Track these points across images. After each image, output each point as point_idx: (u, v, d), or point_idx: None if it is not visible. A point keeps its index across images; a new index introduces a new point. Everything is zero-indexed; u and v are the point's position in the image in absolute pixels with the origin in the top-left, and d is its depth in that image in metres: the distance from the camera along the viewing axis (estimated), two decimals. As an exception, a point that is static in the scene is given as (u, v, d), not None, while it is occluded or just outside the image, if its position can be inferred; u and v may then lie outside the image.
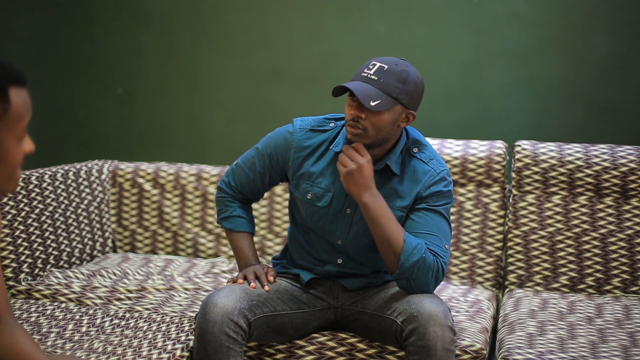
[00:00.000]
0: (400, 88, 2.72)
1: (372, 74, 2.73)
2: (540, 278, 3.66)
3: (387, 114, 2.73)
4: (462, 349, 2.91)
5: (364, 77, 2.74)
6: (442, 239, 2.82)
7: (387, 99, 2.71)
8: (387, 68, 2.73)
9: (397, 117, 2.77)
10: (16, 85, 1.73)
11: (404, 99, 2.74)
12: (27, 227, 3.54)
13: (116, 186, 4.20)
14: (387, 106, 2.70)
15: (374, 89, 2.70)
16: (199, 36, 4.70)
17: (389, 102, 2.71)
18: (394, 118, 2.75)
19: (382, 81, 2.71)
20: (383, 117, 2.73)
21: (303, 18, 4.57)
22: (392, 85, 2.71)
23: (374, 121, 2.73)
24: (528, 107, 4.34)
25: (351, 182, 2.77)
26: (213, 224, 4.11)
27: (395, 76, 2.72)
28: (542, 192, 3.71)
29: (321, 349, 2.99)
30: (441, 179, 2.87)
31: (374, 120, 2.73)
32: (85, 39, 4.86)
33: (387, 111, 2.73)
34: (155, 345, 2.86)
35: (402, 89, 2.72)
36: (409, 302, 2.76)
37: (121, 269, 3.71)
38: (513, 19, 4.31)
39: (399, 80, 2.72)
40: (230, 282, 2.94)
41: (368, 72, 2.74)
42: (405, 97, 2.73)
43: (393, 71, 2.73)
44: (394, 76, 2.72)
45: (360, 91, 2.69)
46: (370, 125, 2.73)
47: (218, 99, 4.72)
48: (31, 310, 3.20)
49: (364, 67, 2.77)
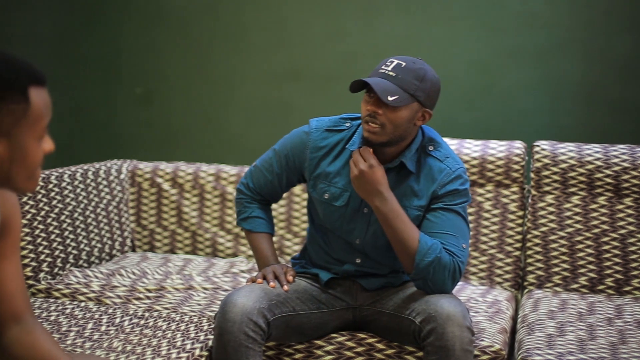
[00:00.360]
0: (418, 85, 2.72)
1: (389, 71, 2.73)
2: (559, 279, 3.64)
3: (404, 110, 2.73)
4: (481, 350, 2.90)
5: (382, 73, 2.74)
6: (459, 238, 2.81)
7: (404, 95, 2.71)
8: (404, 65, 2.73)
9: (414, 115, 2.76)
10: (36, 85, 1.74)
11: (421, 97, 2.73)
12: (46, 226, 3.56)
13: (135, 186, 4.21)
14: (404, 102, 2.70)
15: (391, 85, 2.70)
16: (217, 36, 4.71)
17: (406, 99, 2.71)
18: (411, 115, 2.75)
19: (399, 77, 2.71)
20: (400, 114, 2.73)
21: (321, 18, 4.57)
22: (409, 82, 2.71)
23: (391, 117, 2.72)
24: (547, 107, 4.32)
25: (358, 187, 2.80)
26: (232, 223, 4.11)
27: (413, 73, 2.72)
28: (562, 193, 3.70)
29: (340, 349, 2.99)
30: (457, 177, 2.86)
31: (391, 117, 2.72)
32: (104, 39, 4.87)
33: (404, 108, 2.72)
34: (174, 345, 2.87)
35: (420, 87, 2.72)
36: (427, 302, 2.76)
37: (140, 268, 3.71)
38: (532, 19, 4.30)
39: (417, 78, 2.72)
40: (249, 282, 2.94)
41: (386, 68, 2.74)
42: (422, 95, 2.73)
43: (411, 68, 2.73)
44: (411, 73, 2.72)
45: (379, 86, 2.69)
46: (388, 122, 2.73)
47: (236, 99, 4.72)
48: (51, 309, 3.21)
49: (382, 64, 2.77)
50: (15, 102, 1.69)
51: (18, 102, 1.70)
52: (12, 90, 1.69)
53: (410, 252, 2.76)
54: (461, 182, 2.87)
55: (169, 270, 3.76)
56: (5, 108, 1.68)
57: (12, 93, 1.69)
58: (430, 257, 2.74)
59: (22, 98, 1.70)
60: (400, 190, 2.86)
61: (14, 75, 1.69)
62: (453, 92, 4.33)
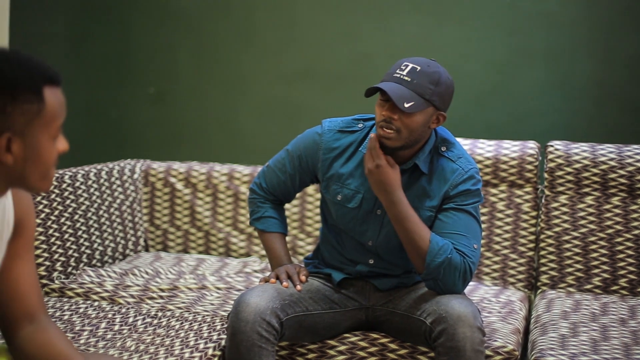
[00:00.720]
0: (433, 90, 2.71)
1: (404, 75, 2.72)
2: (572, 279, 3.64)
3: (419, 115, 2.72)
4: (494, 350, 2.90)
5: (397, 77, 2.73)
6: (471, 239, 2.81)
7: (420, 100, 2.70)
8: (419, 69, 2.72)
9: (429, 119, 2.76)
10: (50, 85, 1.75)
11: (436, 101, 2.73)
12: (60, 225, 3.57)
13: (148, 185, 4.22)
14: (420, 107, 2.70)
15: (407, 91, 2.70)
16: (231, 36, 4.71)
17: (422, 104, 2.70)
18: (426, 120, 2.75)
19: (415, 82, 2.70)
20: (415, 119, 2.72)
21: (333, 18, 4.57)
22: (424, 87, 2.71)
23: (407, 122, 2.72)
24: (560, 107, 4.31)
25: (371, 184, 2.80)
26: (245, 223, 4.11)
27: (428, 78, 2.72)
28: (575, 193, 3.69)
29: (353, 349, 2.99)
30: (469, 178, 2.86)
31: (407, 122, 2.72)
32: (118, 39, 4.88)
33: (419, 113, 2.72)
34: (187, 344, 2.87)
35: (435, 91, 2.72)
36: (438, 303, 2.75)
37: (153, 268, 3.72)
38: (545, 19, 4.29)
39: (432, 82, 2.72)
40: (262, 282, 2.94)
41: (400, 72, 2.73)
42: (437, 99, 2.73)
43: (426, 72, 2.72)
44: (426, 78, 2.71)
45: (395, 92, 2.68)
46: (403, 127, 2.72)
47: (250, 99, 4.73)
48: (64, 308, 3.22)
49: (396, 68, 2.76)
50: (29, 102, 1.70)
51: (32, 101, 1.70)
52: (27, 90, 1.70)
53: (421, 252, 2.76)
54: (473, 183, 2.86)
55: (182, 270, 3.77)
56: (20, 108, 1.69)
57: (26, 93, 1.69)
58: (440, 258, 2.74)
59: (36, 98, 1.71)
60: (413, 192, 2.86)
61: (28, 75, 1.70)
62: (466, 92, 4.32)
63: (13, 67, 1.69)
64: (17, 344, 2.01)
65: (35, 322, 2.03)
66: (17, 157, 1.71)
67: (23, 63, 1.71)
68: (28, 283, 2.02)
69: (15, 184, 1.78)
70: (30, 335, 2.01)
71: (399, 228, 2.78)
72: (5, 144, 1.69)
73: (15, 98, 1.68)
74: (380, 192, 2.79)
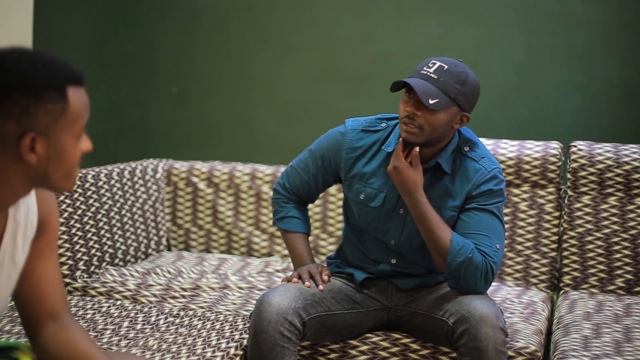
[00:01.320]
0: (459, 89, 2.71)
1: (431, 72, 2.72)
2: (595, 280, 3.62)
3: (443, 113, 2.72)
4: (517, 351, 2.89)
5: (424, 74, 2.73)
6: (493, 239, 2.80)
7: (445, 98, 2.70)
8: (446, 68, 2.72)
9: (452, 118, 2.76)
10: (74, 85, 1.75)
11: (461, 101, 2.73)
12: (83, 225, 3.58)
13: (171, 185, 4.24)
14: (445, 106, 2.69)
15: (433, 87, 2.70)
16: (252, 36, 4.72)
17: (447, 102, 2.70)
18: (449, 119, 2.74)
19: (441, 80, 2.70)
20: (439, 117, 2.72)
21: (356, 18, 4.57)
22: (451, 86, 2.70)
23: (430, 119, 2.72)
24: (583, 108, 4.29)
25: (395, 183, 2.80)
26: (267, 223, 4.12)
27: (455, 77, 2.71)
28: (598, 193, 3.67)
29: (374, 349, 2.99)
30: (492, 178, 2.85)
31: (430, 119, 2.72)
32: (140, 39, 4.90)
33: (443, 111, 2.71)
34: (209, 344, 2.88)
35: (460, 90, 2.71)
36: (460, 303, 2.75)
37: (175, 267, 3.73)
38: (567, 18, 4.27)
39: (458, 81, 2.71)
40: (284, 282, 2.95)
41: (428, 70, 2.73)
42: (462, 99, 2.72)
43: (453, 72, 2.72)
44: (453, 77, 2.71)
45: (420, 88, 2.68)
46: (426, 124, 2.72)
47: (271, 99, 4.73)
48: (87, 307, 3.23)
49: (423, 65, 2.76)
50: (53, 102, 1.70)
51: (56, 101, 1.71)
52: (51, 90, 1.70)
53: (442, 252, 2.76)
54: (496, 183, 2.85)
55: (204, 269, 3.77)
56: (44, 107, 1.70)
57: (50, 92, 1.70)
58: (461, 257, 2.73)
59: (60, 97, 1.71)
60: (435, 191, 2.86)
61: (52, 74, 1.71)
62: (488, 92, 4.30)
63: (37, 67, 1.70)
64: (41, 342, 2.02)
65: (59, 321, 2.04)
66: (41, 156, 1.72)
67: (47, 63, 1.72)
68: (51, 282, 2.03)
69: (39, 184, 1.79)
70: (54, 334, 2.02)
71: (421, 227, 2.79)
72: (30, 144, 1.70)
73: (39, 98, 1.69)
74: (401, 192, 2.79)
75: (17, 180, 1.75)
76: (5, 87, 1.67)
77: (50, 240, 2.02)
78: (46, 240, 2.00)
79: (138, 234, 3.95)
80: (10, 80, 1.67)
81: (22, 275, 1.96)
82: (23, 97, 1.68)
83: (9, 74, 1.68)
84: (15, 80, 1.68)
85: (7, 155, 1.71)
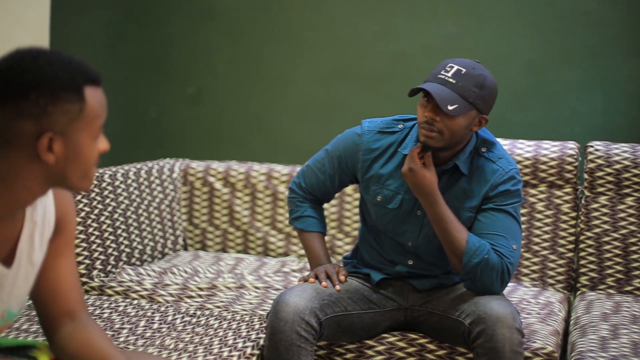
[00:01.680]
0: (477, 93, 2.70)
1: (449, 77, 2.70)
2: (612, 281, 3.61)
3: (461, 118, 2.71)
4: (533, 352, 2.88)
5: (441, 79, 2.71)
6: (510, 239, 2.80)
7: (463, 103, 2.68)
8: (464, 72, 2.70)
9: (471, 122, 2.75)
10: (92, 85, 1.76)
11: (480, 104, 2.71)
12: (100, 224, 3.59)
13: (187, 185, 4.24)
14: (463, 110, 2.68)
15: (451, 93, 2.68)
16: (268, 36, 4.72)
17: (465, 107, 2.69)
18: (468, 122, 2.73)
19: (459, 85, 2.69)
20: (458, 121, 2.71)
21: (372, 18, 4.57)
22: (469, 90, 2.69)
23: (449, 124, 2.71)
24: (600, 107, 4.28)
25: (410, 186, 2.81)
26: (283, 223, 4.12)
27: (473, 80, 2.70)
28: (615, 194, 3.66)
29: (391, 349, 2.99)
30: (510, 178, 2.84)
31: (449, 124, 2.71)
32: (156, 38, 4.91)
33: (462, 115, 2.70)
34: (226, 343, 2.88)
35: (479, 94, 2.70)
36: (477, 303, 2.75)
37: (192, 267, 3.74)
38: (584, 18, 4.26)
39: (476, 85, 2.70)
40: (301, 281, 2.95)
41: (445, 74, 2.71)
42: (480, 102, 2.71)
43: (471, 75, 2.70)
44: (471, 80, 2.70)
45: (439, 94, 2.67)
46: (445, 129, 2.71)
47: (288, 99, 4.73)
48: (104, 306, 3.24)
49: (441, 69, 2.74)
50: (70, 102, 1.71)
51: (73, 101, 1.71)
52: (68, 90, 1.71)
53: (457, 252, 2.76)
54: (513, 183, 2.85)
55: (220, 269, 3.78)
56: (61, 107, 1.70)
57: (67, 92, 1.71)
58: (477, 258, 2.73)
59: (77, 97, 1.72)
60: (453, 192, 2.85)
61: (69, 75, 1.71)
62: (505, 92, 4.28)
63: (54, 67, 1.70)
64: (58, 341, 2.03)
65: (76, 320, 2.04)
66: (59, 156, 1.72)
67: (64, 63, 1.72)
68: (69, 281, 2.03)
69: (56, 184, 1.79)
70: (71, 333, 2.02)
71: (437, 228, 2.79)
72: (47, 144, 1.70)
73: (56, 98, 1.69)
74: (416, 193, 2.79)
75: (34, 180, 1.76)
76: (23, 87, 1.68)
77: (68, 239, 2.03)
78: (63, 239, 2.01)
79: (155, 234, 3.96)
80: (28, 80, 1.68)
81: (40, 274, 1.97)
82: (41, 97, 1.68)
83: (27, 74, 1.68)
84: (33, 81, 1.68)
85: (24, 155, 1.72)
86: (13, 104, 1.68)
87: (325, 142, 3.08)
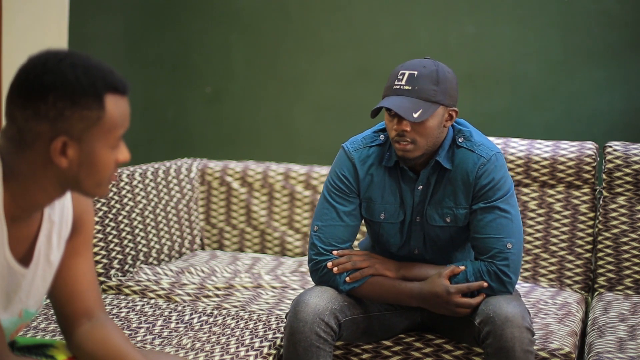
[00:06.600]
0: (436, 89, 2.67)
1: (404, 85, 2.68)
2: (631, 282, 3.59)
3: (431, 120, 2.69)
4: (551, 352, 2.87)
5: (397, 89, 2.69)
6: (504, 238, 2.76)
7: (427, 105, 2.66)
8: (417, 74, 2.68)
9: (441, 119, 2.72)
10: (114, 94, 1.74)
11: (443, 99, 2.69)
12: (117, 224, 3.60)
13: (205, 184, 4.25)
14: (429, 113, 2.66)
15: (411, 99, 2.66)
16: (287, 36, 4.73)
17: (430, 108, 2.66)
18: (439, 121, 2.71)
19: (416, 89, 2.66)
20: (428, 125, 2.69)
21: (391, 17, 4.56)
22: (427, 90, 2.66)
23: (420, 131, 2.69)
24: (619, 108, 4.26)
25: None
26: (300, 222, 4.13)
27: (427, 79, 2.67)
28: (634, 194, 3.64)
29: (407, 350, 2.98)
30: (490, 165, 2.78)
31: (420, 130, 2.68)
32: (174, 39, 4.92)
33: (430, 118, 2.68)
34: (242, 343, 2.89)
35: (439, 90, 2.68)
36: (487, 303, 2.74)
37: (209, 266, 3.74)
38: (604, 18, 4.24)
39: (433, 82, 2.67)
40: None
41: (399, 83, 2.69)
42: (443, 97, 2.69)
43: (424, 75, 2.68)
44: (426, 80, 2.67)
45: (399, 106, 2.65)
46: (418, 136, 2.69)
47: (306, 98, 4.74)
48: (121, 305, 3.25)
49: (394, 79, 2.71)
50: (89, 108, 1.70)
51: (92, 108, 1.71)
52: (87, 96, 1.70)
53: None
54: (495, 170, 2.79)
55: (237, 268, 3.78)
56: (79, 113, 1.70)
57: (86, 99, 1.70)
58: (471, 279, 2.77)
59: (96, 105, 1.71)
60: (441, 191, 2.82)
61: (91, 81, 1.70)
62: (524, 92, 4.29)
63: (77, 71, 1.70)
64: (76, 340, 2.03)
65: (94, 319, 2.05)
66: (72, 161, 1.72)
67: (89, 69, 1.71)
68: (86, 280, 2.04)
69: (71, 188, 1.79)
70: (89, 332, 2.03)
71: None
72: (61, 147, 1.70)
73: (75, 103, 1.69)
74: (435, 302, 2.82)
75: (49, 183, 1.76)
76: (43, 88, 1.68)
77: (86, 239, 2.03)
78: (81, 239, 2.01)
79: (172, 233, 3.97)
80: (48, 81, 1.68)
81: (58, 274, 1.97)
82: (59, 100, 1.68)
83: (47, 75, 1.68)
84: (53, 83, 1.68)
85: (39, 157, 1.72)
86: (32, 104, 1.69)
87: (343, 141, 3.01)
